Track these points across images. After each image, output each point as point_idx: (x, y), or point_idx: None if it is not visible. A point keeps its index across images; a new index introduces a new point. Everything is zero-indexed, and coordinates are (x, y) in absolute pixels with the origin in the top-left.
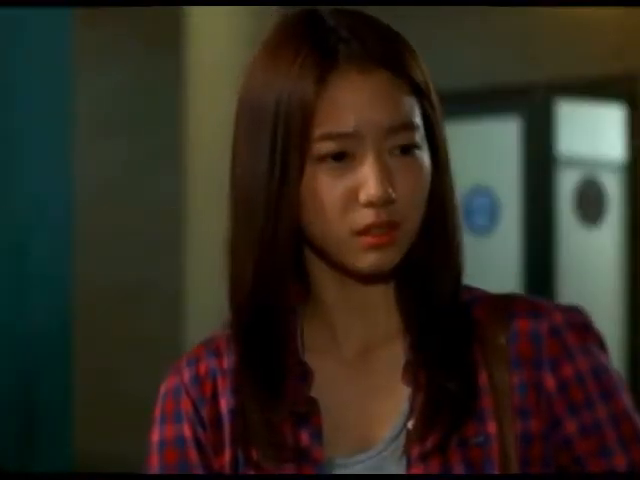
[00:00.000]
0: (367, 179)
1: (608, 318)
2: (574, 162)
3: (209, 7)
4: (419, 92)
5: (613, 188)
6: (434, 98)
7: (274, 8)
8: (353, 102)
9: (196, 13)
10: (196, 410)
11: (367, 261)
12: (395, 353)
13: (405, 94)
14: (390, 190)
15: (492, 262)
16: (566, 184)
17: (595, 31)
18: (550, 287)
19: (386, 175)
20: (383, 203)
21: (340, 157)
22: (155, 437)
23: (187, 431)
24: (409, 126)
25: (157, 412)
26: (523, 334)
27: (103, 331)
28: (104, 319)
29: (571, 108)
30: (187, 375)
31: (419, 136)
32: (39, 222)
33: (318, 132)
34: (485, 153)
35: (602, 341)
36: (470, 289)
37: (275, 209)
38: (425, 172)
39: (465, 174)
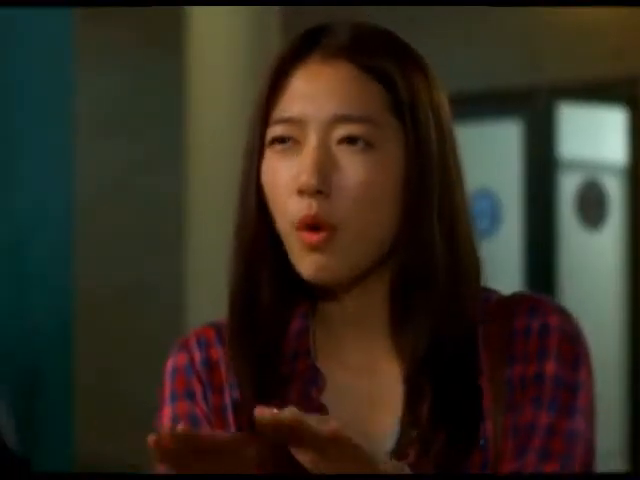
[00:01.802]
0: (303, 166)
1: (609, 320)
2: (576, 165)
3: (210, 8)
4: (395, 92)
5: (614, 191)
6: (422, 104)
7: (275, 10)
8: (305, 89)
9: (197, 14)
10: (205, 393)
11: (305, 264)
12: (397, 364)
13: (368, 88)
14: (322, 180)
15: (494, 265)
16: (568, 187)
17: (596, 34)
18: (552, 290)
19: (324, 164)
20: (312, 192)
21: (285, 141)
22: (166, 413)
23: (199, 409)
24: (359, 119)
25: (167, 389)
26: (520, 331)
27: (104, 331)
28: (104, 319)
29: (573, 111)
30: (198, 357)
31: (375, 133)
32: (39, 222)
33: (272, 117)
34: (487, 156)
35: (587, 360)
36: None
37: (244, 195)
38: (380, 170)
39: (467, 177)
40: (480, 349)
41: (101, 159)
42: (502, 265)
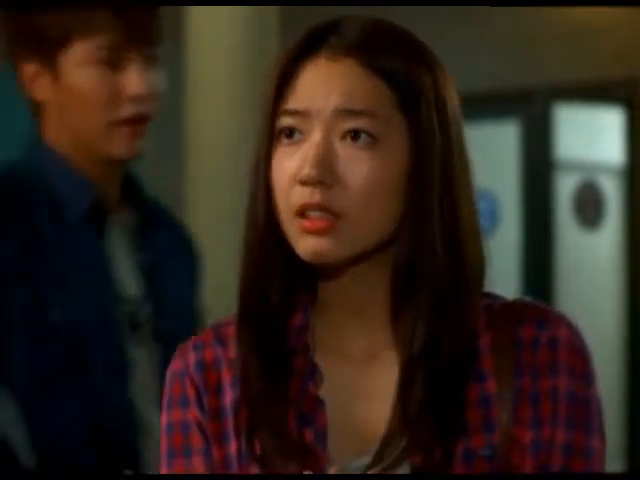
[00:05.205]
0: (305, 158)
1: (607, 321)
2: (573, 165)
3: (209, 8)
4: (399, 89)
5: (612, 191)
6: (426, 101)
7: (274, 9)
8: (311, 85)
9: (196, 14)
10: (199, 396)
11: (304, 246)
12: (396, 355)
13: (372, 84)
14: (324, 171)
15: (491, 265)
16: (565, 187)
17: (594, 35)
18: (549, 290)
19: (326, 157)
20: (315, 183)
21: (292, 134)
22: (164, 421)
23: (191, 415)
24: (362, 112)
25: (165, 396)
26: (527, 341)
27: None
28: None
29: (570, 111)
30: (192, 360)
31: (379, 128)
32: None
33: (279, 110)
34: (484, 157)
35: (594, 375)
36: (484, 294)
37: (254, 187)
38: (383, 165)
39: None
40: (484, 355)
41: None
42: (500, 265)
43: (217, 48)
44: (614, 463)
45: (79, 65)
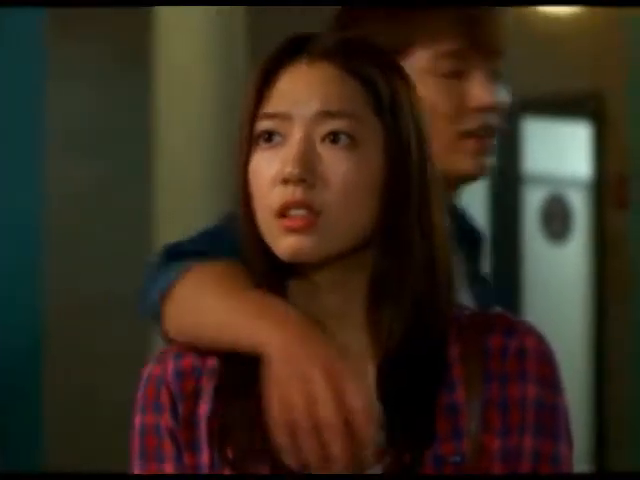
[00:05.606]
0: (287, 157)
1: (573, 333)
2: (540, 179)
3: (180, 25)
4: (376, 93)
5: (579, 205)
6: (402, 106)
7: (245, 32)
8: (290, 89)
9: (166, 30)
10: (173, 404)
11: (284, 245)
12: (370, 369)
13: (349, 87)
14: (306, 170)
15: None
16: (532, 201)
17: (562, 49)
18: (516, 302)
19: (308, 156)
20: (297, 181)
21: (271, 137)
22: (137, 421)
23: (164, 422)
24: (341, 114)
25: (139, 397)
26: (495, 350)
27: (73, 347)
28: (73, 335)
29: (538, 125)
30: (171, 367)
31: (357, 129)
32: (6, 238)
33: (259, 114)
34: None
35: (561, 384)
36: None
37: (237, 189)
38: (362, 166)
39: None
40: (454, 363)
41: (71, 175)
42: None
43: (188, 63)
44: (581, 469)
45: (419, 74)
